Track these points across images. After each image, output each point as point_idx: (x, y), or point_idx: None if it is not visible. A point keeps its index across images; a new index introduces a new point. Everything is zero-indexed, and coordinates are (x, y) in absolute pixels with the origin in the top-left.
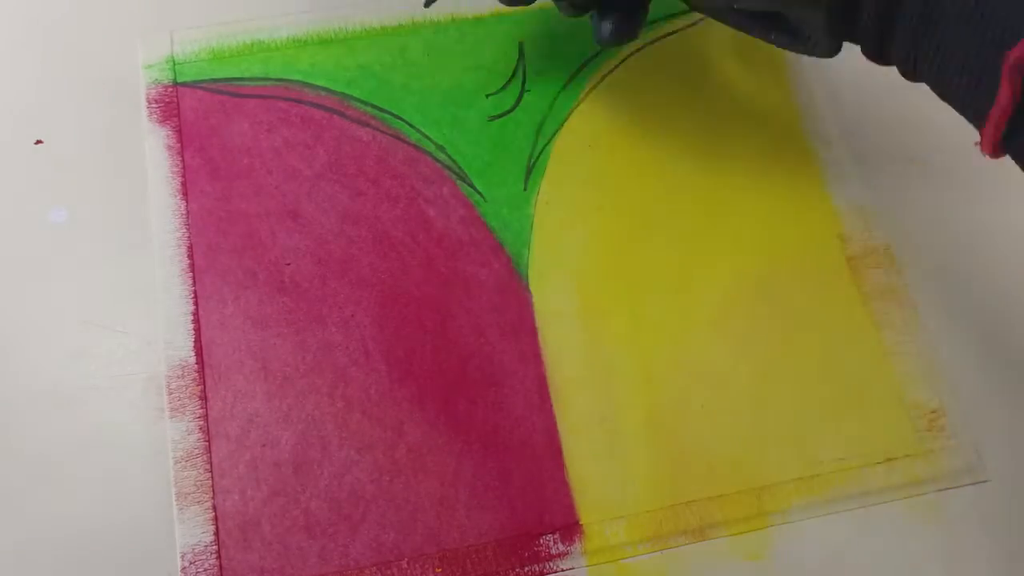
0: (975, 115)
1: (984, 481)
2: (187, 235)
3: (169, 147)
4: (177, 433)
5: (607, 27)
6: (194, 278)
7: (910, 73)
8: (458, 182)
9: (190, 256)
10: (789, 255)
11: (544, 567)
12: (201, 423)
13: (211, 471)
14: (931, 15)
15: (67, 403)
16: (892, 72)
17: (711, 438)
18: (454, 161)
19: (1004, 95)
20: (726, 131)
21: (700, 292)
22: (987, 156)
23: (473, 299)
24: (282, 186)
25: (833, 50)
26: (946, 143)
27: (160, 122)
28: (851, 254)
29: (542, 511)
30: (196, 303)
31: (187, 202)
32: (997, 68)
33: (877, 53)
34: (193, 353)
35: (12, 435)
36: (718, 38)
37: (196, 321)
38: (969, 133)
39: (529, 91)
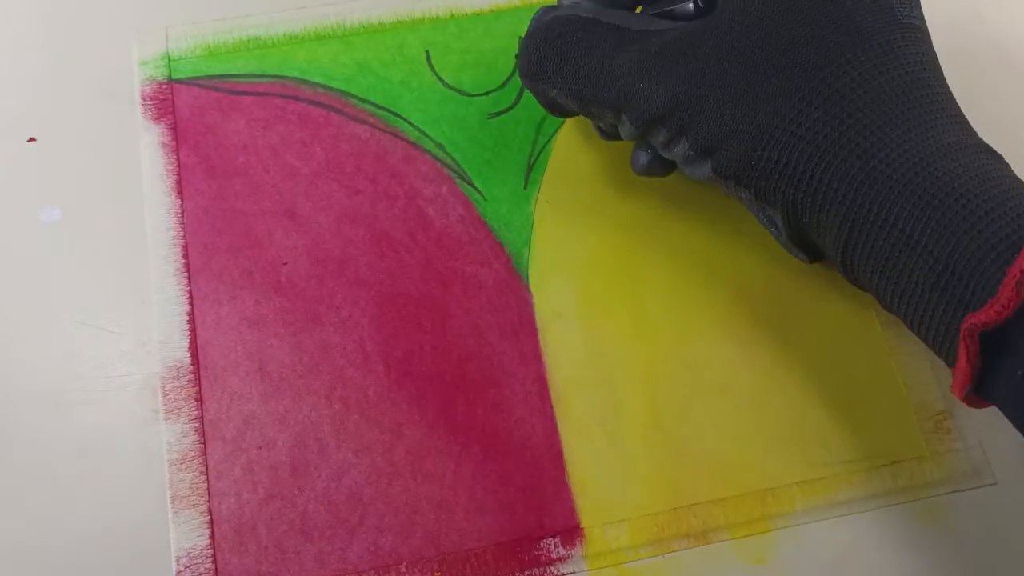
0: (945, 361)
1: (991, 484)
2: (182, 234)
3: (164, 145)
4: (172, 435)
5: (643, 157)
6: (189, 278)
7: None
8: (457, 181)
9: (185, 255)
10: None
11: (545, 571)
12: (196, 425)
13: (206, 474)
14: (891, 265)
15: (60, 405)
16: None
17: (714, 440)
18: (453, 159)
19: (961, 360)
20: None
21: (703, 292)
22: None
23: (472, 299)
24: (279, 185)
25: (803, 258)
26: None
27: (155, 119)
28: None
29: (542, 514)
30: (191, 303)
31: (182, 201)
32: (957, 329)
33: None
34: (188, 354)
35: (4, 437)
36: None
37: (191, 321)
38: (977, 131)
39: None
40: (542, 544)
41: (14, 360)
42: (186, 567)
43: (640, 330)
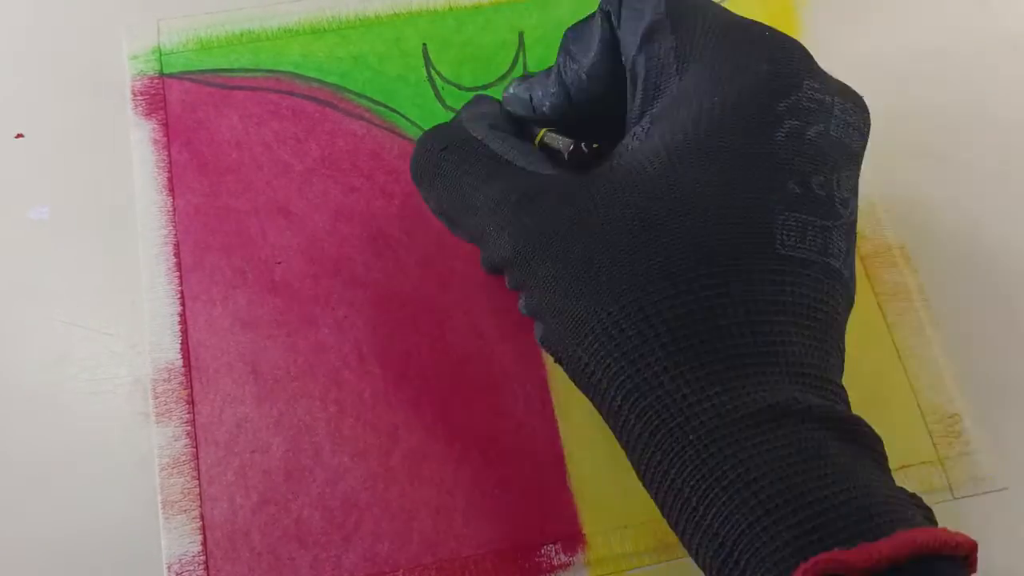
0: None
1: (1003, 489)
2: (174, 232)
3: (155, 141)
4: (163, 439)
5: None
6: (181, 277)
7: None
8: None
9: (177, 254)
10: None
11: None
12: (188, 428)
13: (198, 478)
14: (680, 532)
15: (48, 408)
16: (904, 64)
17: None
18: None
19: None
20: None
21: None
22: None
23: (471, 299)
24: (273, 182)
25: None
26: (963, 137)
27: (146, 115)
28: (864, 252)
29: (543, 520)
30: (183, 303)
31: (174, 198)
32: None
33: None
34: (180, 355)
35: None
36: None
37: (183, 322)
38: (985, 127)
39: None
40: (543, 551)
41: (1, 362)
42: (178, 574)
43: None
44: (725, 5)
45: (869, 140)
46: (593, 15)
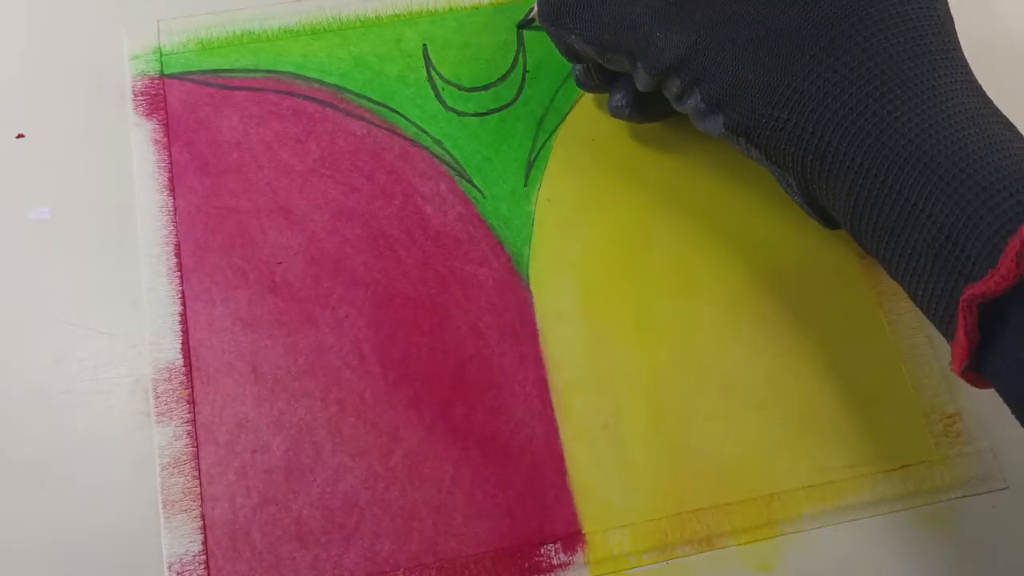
0: (944, 336)
1: (1003, 488)
2: (174, 233)
3: (155, 141)
4: (164, 438)
5: (615, 99)
6: (181, 277)
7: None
8: (456, 178)
9: (177, 255)
10: (800, 253)
11: None
12: (189, 428)
13: (199, 478)
14: (896, 234)
15: (49, 408)
16: None
17: (718, 444)
18: (452, 156)
19: (959, 333)
20: None
21: (707, 292)
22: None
23: (471, 299)
24: (273, 182)
25: (821, 223)
26: None
27: (146, 115)
28: (864, 252)
29: (543, 520)
30: (184, 303)
31: (174, 198)
32: (957, 300)
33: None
34: (180, 355)
35: None
36: None
37: (184, 322)
38: None
39: (530, 83)
40: (543, 550)
41: (1, 362)
42: (178, 574)
43: (643, 331)
44: None
45: None
46: None
